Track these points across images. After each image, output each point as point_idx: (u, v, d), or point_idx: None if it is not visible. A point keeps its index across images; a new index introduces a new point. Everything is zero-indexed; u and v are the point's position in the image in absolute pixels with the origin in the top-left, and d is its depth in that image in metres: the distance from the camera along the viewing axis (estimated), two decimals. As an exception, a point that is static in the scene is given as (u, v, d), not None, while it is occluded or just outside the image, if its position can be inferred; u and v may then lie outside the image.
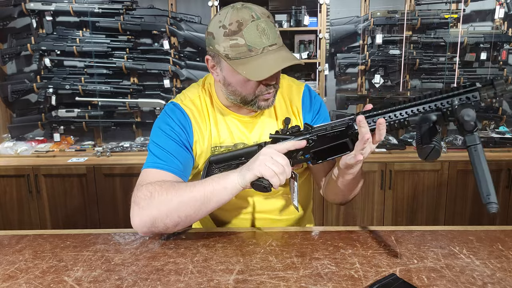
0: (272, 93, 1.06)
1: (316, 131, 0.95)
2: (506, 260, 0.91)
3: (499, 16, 2.72)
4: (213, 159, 1.07)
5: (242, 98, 1.06)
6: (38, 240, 1.04)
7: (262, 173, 0.92)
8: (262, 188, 0.93)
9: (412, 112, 0.86)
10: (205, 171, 1.08)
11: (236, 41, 0.97)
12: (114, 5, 2.74)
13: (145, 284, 0.83)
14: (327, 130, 0.94)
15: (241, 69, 0.97)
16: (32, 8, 2.73)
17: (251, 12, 0.98)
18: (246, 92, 1.04)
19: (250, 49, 0.97)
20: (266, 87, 1.03)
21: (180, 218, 0.96)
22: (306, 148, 0.96)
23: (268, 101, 1.07)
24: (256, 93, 1.04)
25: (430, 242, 1.01)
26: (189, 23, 2.79)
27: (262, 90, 1.03)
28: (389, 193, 2.60)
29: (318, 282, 0.83)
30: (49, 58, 2.81)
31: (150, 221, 0.97)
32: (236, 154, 1.05)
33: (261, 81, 1.00)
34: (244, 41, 0.96)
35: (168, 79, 2.84)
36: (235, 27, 0.97)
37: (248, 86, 1.03)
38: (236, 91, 1.05)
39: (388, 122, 0.88)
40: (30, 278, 0.86)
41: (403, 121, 0.87)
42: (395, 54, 2.77)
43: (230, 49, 0.98)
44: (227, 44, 0.98)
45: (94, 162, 2.62)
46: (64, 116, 2.87)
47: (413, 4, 2.78)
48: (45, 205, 2.64)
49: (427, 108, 0.84)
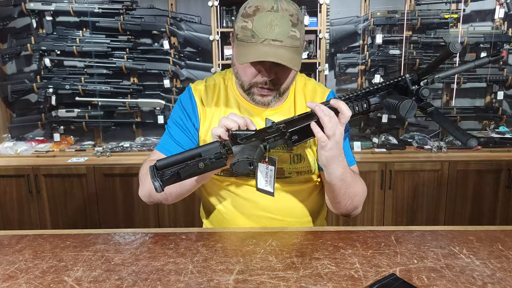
0: (271, 93, 1.07)
1: (281, 121, 0.96)
2: (506, 260, 0.91)
3: (499, 16, 2.72)
4: (159, 165, 0.91)
5: (241, 83, 1.09)
6: (38, 240, 1.04)
7: (221, 125, 0.93)
8: (245, 164, 0.87)
9: (369, 90, 0.97)
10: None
11: (246, 24, 0.99)
12: (114, 5, 2.74)
13: (145, 284, 0.83)
14: (294, 118, 0.97)
15: (237, 50, 1.02)
16: (32, 8, 2.73)
17: (274, 4, 0.98)
18: (243, 78, 1.07)
19: (253, 35, 0.98)
20: (262, 79, 1.04)
21: (166, 195, 1.09)
22: (279, 133, 0.95)
23: (265, 99, 1.08)
24: (251, 83, 1.06)
25: (430, 242, 1.01)
26: (189, 23, 2.79)
27: (257, 81, 1.05)
28: (389, 193, 2.60)
29: (318, 282, 0.83)
30: (49, 58, 2.81)
31: (147, 195, 1.12)
32: (192, 154, 0.92)
33: (252, 64, 1.02)
34: (251, 26, 0.98)
35: (168, 79, 2.84)
36: (251, 11, 0.98)
37: (244, 71, 1.05)
38: (238, 74, 1.08)
39: (346, 103, 0.96)
40: (30, 278, 0.86)
41: (360, 99, 0.97)
42: (395, 54, 2.77)
43: (240, 30, 1.00)
44: (240, 25, 1.01)
45: (94, 162, 2.62)
46: (64, 116, 2.87)
47: (413, 4, 2.78)
48: (45, 205, 2.64)
49: (383, 88, 0.97)
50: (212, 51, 2.73)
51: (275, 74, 1.03)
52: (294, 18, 0.99)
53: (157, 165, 0.91)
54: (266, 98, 1.08)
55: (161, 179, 0.89)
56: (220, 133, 0.93)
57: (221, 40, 2.71)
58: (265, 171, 1.02)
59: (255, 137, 0.94)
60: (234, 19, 2.74)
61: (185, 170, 0.91)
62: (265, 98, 1.08)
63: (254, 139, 0.94)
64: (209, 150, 0.92)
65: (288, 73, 1.06)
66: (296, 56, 1.00)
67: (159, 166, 0.91)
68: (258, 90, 1.06)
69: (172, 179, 0.90)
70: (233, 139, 0.94)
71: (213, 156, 0.91)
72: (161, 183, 0.89)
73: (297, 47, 1.00)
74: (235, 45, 1.05)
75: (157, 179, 0.89)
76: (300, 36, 1.01)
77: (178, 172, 0.90)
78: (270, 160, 1.00)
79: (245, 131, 0.94)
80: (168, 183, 0.90)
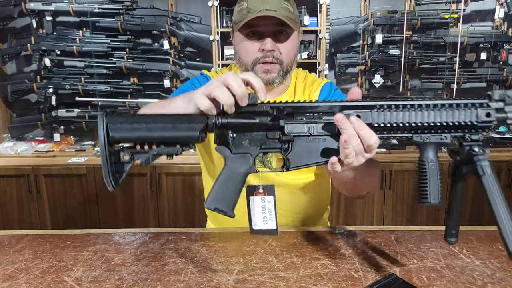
0: (275, 68, 1.06)
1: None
2: (506, 260, 0.91)
3: (499, 16, 2.72)
4: (117, 137, 0.71)
5: (245, 66, 1.09)
6: (38, 240, 1.04)
7: (209, 90, 0.72)
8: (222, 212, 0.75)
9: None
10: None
11: (241, 6, 1.04)
12: (114, 5, 2.74)
13: (145, 284, 0.83)
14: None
15: (235, 28, 1.05)
16: (32, 8, 2.73)
17: None
18: (246, 59, 1.07)
19: (248, 11, 1.01)
20: (263, 54, 1.04)
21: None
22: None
23: (269, 75, 1.06)
24: (254, 60, 1.06)
25: (430, 242, 1.00)
26: (189, 23, 2.79)
27: (258, 57, 1.05)
28: (389, 193, 2.60)
29: (318, 282, 0.83)
30: (49, 58, 2.81)
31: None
32: (168, 136, 0.72)
33: (251, 40, 1.04)
34: (246, 4, 1.02)
35: (168, 79, 2.84)
36: None
37: (246, 50, 1.06)
38: (241, 59, 1.09)
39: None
40: (30, 278, 0.86)
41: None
42: (395, 54, 2.77)
43: (237, 14, 1.05)
44: (236, 10, 1.06)
45: (94, 162, 2.62)
46: (64, 116, 2.87)
47: (413, 4, 2.78)
48: (45, 205, 2.64)
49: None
50: (212, 51, 2.73)
51: (276, 47, 1.05)
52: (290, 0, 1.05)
53: (114, 137, 0.70)
54: (271, 75, 1.07)
55: (117, 171, 0.70)
56: (205, 107, 0.72)
57: (221, 40, 2.71)
58: (261, 205, 0.83)
59: (248, 137, 0.76)
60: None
61: (148, 155, 0.73)
62: (269, 74, 1.07)
63: (246, 140, 0.76)
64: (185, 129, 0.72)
65: (289, 45, 1.07)
66: (292, 23, 1.02)
67: (116, 138, 0.70)
68: (261, 66, 1.06)
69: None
70: (221, 133, 0.75)
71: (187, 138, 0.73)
72: (114, 181, 0.70)
73: (292, 19, 1.02)
74: (235, 34, 1.09)
75: (110, 173, 0.69)
76: (293, 11, 1.04)
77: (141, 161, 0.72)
78: (266, 190, 0.83)
79: (241, 117, 0.74)
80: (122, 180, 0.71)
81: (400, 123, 0.73)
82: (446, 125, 0.73)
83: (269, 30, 1.04)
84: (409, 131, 0.74)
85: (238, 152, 0.76)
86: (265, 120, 0.75)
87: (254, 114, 0.74)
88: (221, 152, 0.77)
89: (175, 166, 2.53)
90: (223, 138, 0.76)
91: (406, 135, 0.75)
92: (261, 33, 1.05)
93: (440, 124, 0.73)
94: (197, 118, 0.73)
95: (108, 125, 0.70)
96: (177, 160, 2.46)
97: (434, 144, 0.74)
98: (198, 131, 0.72)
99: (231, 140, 0.76)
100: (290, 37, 1.07)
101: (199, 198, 2.63)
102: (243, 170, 0.76)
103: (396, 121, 0.73)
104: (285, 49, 1.07)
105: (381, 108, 0.73)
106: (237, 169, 0.76)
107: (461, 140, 0.74)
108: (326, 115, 0.75)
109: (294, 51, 1.10)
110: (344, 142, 0.70)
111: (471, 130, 0.73)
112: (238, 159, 0.76)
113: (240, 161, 0.76)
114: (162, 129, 0.71)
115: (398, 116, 0.73)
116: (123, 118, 0.71)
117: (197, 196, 2.63)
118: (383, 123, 0.73)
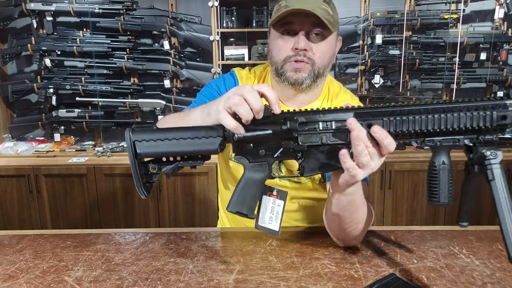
0: (305, 68, 1.00)
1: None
2: (506, 260, 0.91)
3: (498, 16, 2.72)
4: (142, 152, 0.78)
5: (276, 65, 1.04)
6: (39, 240, 1.04)
7: (229, 104, 0.75)
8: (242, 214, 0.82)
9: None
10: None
11: (280, 5, 1.00)
12: (114, 5, 2.74)
13: (145, 284, 0.83)
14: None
15: (270, 25, 1.03)
16: (33, 8, 2.73)
17: None
18: (277, 56, 1.02)
19: (285, 7, 0.97)
20: (295, 52, 0.99)
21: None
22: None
23: (298, 74, 1.01)
24: (285, 57, 1.01)
25: (430, 242, 1.01)
26: (189, 24, 2.79)
27: (290, 55, 1.00)
28: (389, 193, 2.61)
29: (318, 282, 0.83)
30: (49, 58, 2.81)
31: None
32: (188, 150, 0.78)
33: (285, 37, 1.01)
34: (285, 2, 0.98)
35: (168, 79, 2.84)
36: None
37: (277, 46, 1.02)
38: (272, 58, 1.05)
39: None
40: (31, 278, 0.86)
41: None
42: (395, 54, 2.77)
43: (274, 13, 1.01)
44: (275, 10, 1.02)
45: (95, 162, 2.62)
46: (64, 116, 2.87)
47: (413, 4, 2.79)
48: (46, 205, 2.64)
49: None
50: (212, 51, 2.73)
51: (309, 46, 1.00)
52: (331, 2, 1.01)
53: (141, 153, 0.77)
54: (300, 74, 1.01)
55: (148, 182, 0.79)
56: (232, 127, 0.76)
57: (221, 40, 2.72)
58: (270, 206, 0.87)
59: (264, 147, 0.79)
60: (233, 19, 2.74)
61: (170, 167, 0.79)
62: (299, 73, 1.01)
63: (263, 150, 0.80)
64: (204, 144, 0.78)
65: (324, 47, 1.01)
66: (329, 24, 0.97)
67: (143, 155, 0.77)
68: (292, 65, 1.01)
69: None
70: (239, 145, 0.80)
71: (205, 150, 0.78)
72: (146, 190, 0.79)
73: (329, 21, 0.97)
74: (270, 33, 1.06)
75: (141, 183, 0.78)
76: (333, 14, 0.98)
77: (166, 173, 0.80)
78: (279, 194, 0.87)
79: (255, 130, 0.78)
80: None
81: (411, 130, 0.73)
82: (459, 129, 0.72)
83: (304, 28, 0.99)
84: (421, 136, 0.74)
85: (256, 161, 0.81)
86: (278, 131, 0.78)
87: (267, 125, 0.78)
88: (240, 162, 0.81)
89: (175, 166, 2.53)
90: (241, 149, 0.80)
91: (417, 139, 0.75)
92: (296, 32, 0.99)
93: (453, 129, 0.72)
94: (215, 132, 0.78)
95: (135, 143, 0.77)
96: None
97: (446, 147, 0.74)
98: (217, 145, 0.78)
99: (248, 151, 0.80)
100: (326, 39, 1.01)
101: (199, 198, 2.63)
102: (261, 177, 0.82)
103: (407, 129, 0.73)
104: (319, 50, 1.01)
105: (392, 115, 0.73)
106: (255, 176, 0.82)
107: (475, 140, 0.73)
108: (338, 123, 0.76)
109: (329, 55, 1.03)
110: (355, 139, 0.73)
111: (485, 132, 0.73)
112: (256, 167, 0.81)
113: (258, 169, 0.81)
114: (183, 145, 0.77)
115: (409, 124, 0.73)
116: (147, 134, 0.77)
117: (197, 196, 2.63)
118: (394, 130, 0.74)
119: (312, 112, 0.78)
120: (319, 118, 0.77)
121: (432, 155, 0.75)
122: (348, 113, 0.76)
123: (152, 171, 0.79)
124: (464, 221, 0.81)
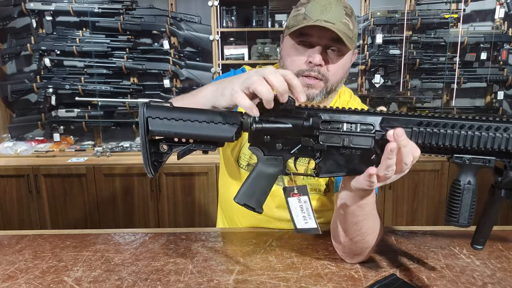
0: (318, 84, 0.97)
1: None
2: (506, 260, 0.91)
3: (499, 16, 2.72)
4: (155, 130, 0.73)
5: None
6: (38, 240, 1.04)
7: (248, 84, 0.70)
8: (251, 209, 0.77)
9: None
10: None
11: (299, 11, 0.96)
12: (114, 5, 2.74)
13: (145, 284, 0.83)
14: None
15: (286, 32, 0.98)
16: (32, 8, 2.73)
17: None
18: (290, 66, 0.98)
19: (305, 18, 0.93)
20: (309, 66, 0.96)
21: None
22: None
23: (310, 90, 0.97)
24: (298, 70, 0.96)
25: (430, 242, 1.00)
26: (189, 23, 2.79)
27: (303, 69, 0.96)
28: (389, 193, 2.60)
29: (318, 282, 0.83)
30: (49, 58, 2.81)
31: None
32: (203, 134, 0.73)
33: (300, 49, 0.96)
34: (304, 10, 0.94)
35: (168, 79, 2.84)
36: (305, 0, 0.97)
37: (291, 57, 0.98)
38: (285, 66, 1.00)
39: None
40: (30, 278, 0.86)
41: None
42: (395, 54, 2.77)
43: (291, 19, 0.97)
44: (292, 15, 0.98)
45: (94, 162, 2.62)
46: (64, 116, 2.87)
47: (413, 4, 2.78)
48: (45, 205, 2.64)
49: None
50: (212, 51, 2.73)
51: (324, 62, 0.96)
52: (348, 10, 0.96)
53: (153, 131, 0.72)
54: (312, 90, 0.97)
55: (157, 160, 0.75)
56: (246, 107, 0.70)
57: (221, 40, 2.71)
58: (299, 205, 0.83)
59: (281, 141, 0.75)
60: (233, 19, 2.74)
61: (185, 150, 0.75)
62: (310, 89, 0.97)
63: (279, 144, 0.75)
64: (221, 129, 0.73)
65: (339, 64, 0.97)
66: (348, 41, 0.93)
67: (155, 133, 0.72)
68: (304, 80, 0.96)
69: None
70: (255, 135, 0.74)
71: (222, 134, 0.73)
72: (154, 169, 0.75)
73: (349, 37, 0.93)
74: (285, 38, 1.01)
75: (149, 161, 0.74)
76: (352, 29, 0.94)
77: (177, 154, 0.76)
78: (300, 190, 0.83)
79: (275, 122, 0.73)
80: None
81: (440, 144, 0.70)
82: (492, 150, 0.68)
83: (321, 43, 0.95)
84: (450, 152, 0.71)
85: (271, 155, 0.76)
86: (299, 126, 0.73)
87: (289, 118, 0.73)
88: (254, 152, 0.77)
89: (175, 166, 2.53)
90: (257, 140, 0.75)
91: (445, 154, 0.72)
92: (312, 45, 0.95)
93: (485, 149, 0.68)
94: (232, 119, 0.73)
95: (148, 119, 0.72)
96: (177, 160, 2.46)
97: (475, 166, 0.71)
98: (233, 132, 0.72)
99: (265, 143, 0.75)
100: (342, 56, 0.97)
101: (199, 198, 2.63)
102: (274, 171, 0.77)
103: (436, 142, 0.70)
104: (334, 67, 0.97)
105: (423, 125, 0.70)
106: (268, 170, 0.77)
107: (507, 163, 0.70)
108: (363, 126, 0.72)
109: (343, 71, 1.00)
110: (390, 151, 0.68)
111: None
112: (271, 161, 0.76)
113: (272, 163, 0.76)
114: (197, 128, 0.72)
115: (440, 136, 0.70)
116: (162, 112, 0.72)
117: (197, 196, 2.63)
118: (422, 142, 0.71)
119: (337, 111, 0.73)
120: (344, 119, 0.72)
121: (458, 173, 0.71)
122: (375, 117, 0.72)
123: (162, 150, 0.75)
124: (480, 244, 0.77)
